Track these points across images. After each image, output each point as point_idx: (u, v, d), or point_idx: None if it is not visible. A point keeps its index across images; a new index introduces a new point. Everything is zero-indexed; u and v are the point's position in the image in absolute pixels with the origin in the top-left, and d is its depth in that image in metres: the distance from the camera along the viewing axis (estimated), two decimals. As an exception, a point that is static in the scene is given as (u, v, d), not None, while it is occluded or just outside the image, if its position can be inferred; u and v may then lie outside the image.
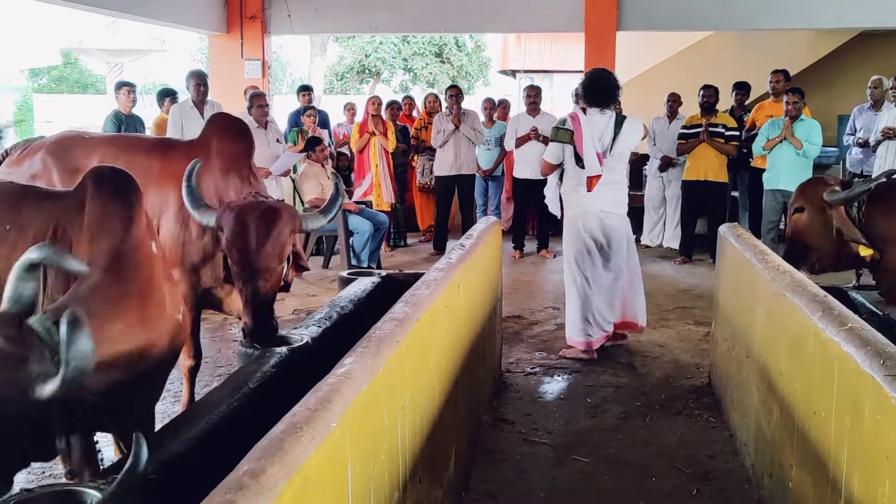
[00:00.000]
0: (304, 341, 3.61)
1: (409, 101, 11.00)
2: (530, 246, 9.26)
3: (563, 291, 7.27)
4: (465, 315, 3.63)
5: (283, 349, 3.44)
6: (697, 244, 8.73)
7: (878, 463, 2.10)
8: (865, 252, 4.11)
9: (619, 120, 5.33)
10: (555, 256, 8.95)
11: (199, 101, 7.53)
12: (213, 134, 4.19)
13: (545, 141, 8.75)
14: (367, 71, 29.14)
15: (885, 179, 4.32)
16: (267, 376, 3.16)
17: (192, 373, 4.27)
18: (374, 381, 2.12)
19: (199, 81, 7.49)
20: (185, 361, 4.18)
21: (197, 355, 4.28)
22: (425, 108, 10.10)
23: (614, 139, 5.28)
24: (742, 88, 9.30)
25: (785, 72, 8.80)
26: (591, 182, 5.20)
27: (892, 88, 7.47)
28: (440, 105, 9.92)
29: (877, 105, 8.39)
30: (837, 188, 4.26)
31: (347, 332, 3.47)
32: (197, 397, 4.18)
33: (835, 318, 2.61)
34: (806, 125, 7.73)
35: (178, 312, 2.83)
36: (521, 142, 8.79)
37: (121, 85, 8.36)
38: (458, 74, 29.29)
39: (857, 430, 2.26)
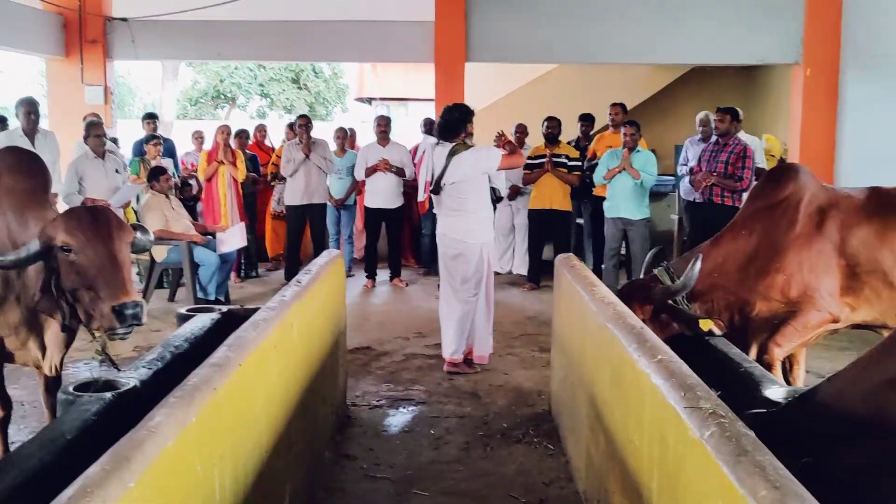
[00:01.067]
0: (132, 385, 3.47)
1: (262, 129, 10.84)
2: (383, 275, 9.27)
3: (412, 321, 7.40)
4: (300, 353, 3.59)
5: (108, 395, 3.28)
6: (545, 270, 8.97)
7: (681, 492, 2.20)
8: (708, 326, 3.93)
9: (452, 151, 5.66)
10: (407, 285, 9.00)
11: (30, 130, 7.16)
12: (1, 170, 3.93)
13: (399, 172, 8.84)
14: (222, 96, 28.63)
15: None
16: (87, 425, 3.00)
17: (3, 424, 4.02)
18: (185, 433, 2.06)
19: (30, 109, 7.12)
20: None
21: (6, 406, 4.05)
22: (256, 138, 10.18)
23: (444, 169, 5.61)
24: (587, 120, 9.70)
25: (622, 105, 9.21)
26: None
27: (715, 122, 7.93)
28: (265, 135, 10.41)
29: (706, 137, 8.90)
30: (655, 286, 4.22)
31: (181, 373, 3.36)
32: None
33: (647, 350, 2.73)
34: (642, 156, 8.11)
35: None
36: (370, 171, 8.82)
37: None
38: (315, 101, 29.19)
39: (664, 460, 2.36)
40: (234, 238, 7.93)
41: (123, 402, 3.27)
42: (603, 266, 8.50)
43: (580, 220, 9.61)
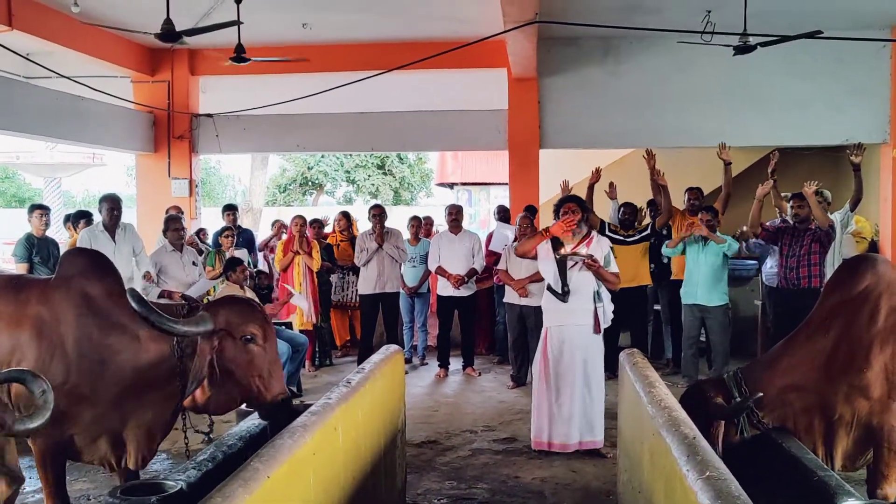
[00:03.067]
0: (179, 487, 3.44)
1: (344, 217, 10.87)
2: (456, 363, 9.16)
3: (482, 413, 7.25)
4: (346, 458, 3.51)
5: (153, 499, 3.26)
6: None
7: None
8: None
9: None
10: (479, 374, 8.87)
11: (112, 225, 7.43)
12: (72, 272, 4.03)
13: (470, 273, 8.78)
14: (309, 183, 29.42)
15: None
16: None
17: None
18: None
19: (112, 205, 7.40)
20: None
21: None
22: (336, 227, 10.28)
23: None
24: (656, 206, 9.50)
25: (699, 189, 9.03)
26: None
27: (793, 208, 7.68)
28: (348, 224, 10.34)
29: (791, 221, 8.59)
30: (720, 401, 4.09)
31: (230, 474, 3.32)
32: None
33: (697, 465, 2.56)
34: (720, 239, 7.85)
35: None
36: (440, 272, 8.85)
37: (34, 208, 8.24)
38: (400, 186, 29.73)
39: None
40: (301, 301, 8.47)
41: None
42: (682, 355, 8.21)
43: (658, 307, 9.36)
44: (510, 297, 8.21)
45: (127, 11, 9.08)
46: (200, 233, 10.43)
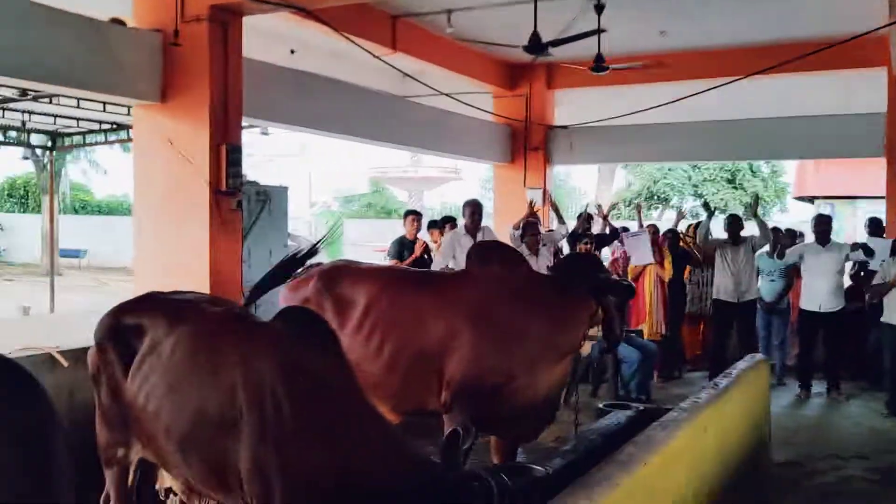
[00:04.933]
0: (545, 472, 3.56)
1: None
2: (819, 387, 8.48)
3: (851, 439, 6.63)
4: (713, 459, 3.40)
5: (542, 470, 3.44)
6: None
7: None
8: None
9: None
10: (847, 399, 8.12)
11: (473, 229, 7.88)
12: (480, 264, 4.41)
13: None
14: (655, 197, 29.07)
15: None
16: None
17: None
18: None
19: (474, 209, 7.86)
20: None
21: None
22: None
23: None
24: None
25: None
26: None
27: None
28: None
29: None
30: None
31: (590, 466, 3.39)
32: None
33: None
34: None
35: None
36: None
37: (408, 213, 9.02)
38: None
39: None
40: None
41: (534, 488, 3.38)
42: None
43: None
44: (890, 315, 7.44)
45: (494, 28, 9.63)
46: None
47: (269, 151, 20.07)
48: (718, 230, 9.29)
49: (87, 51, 6.10)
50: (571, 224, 9.58)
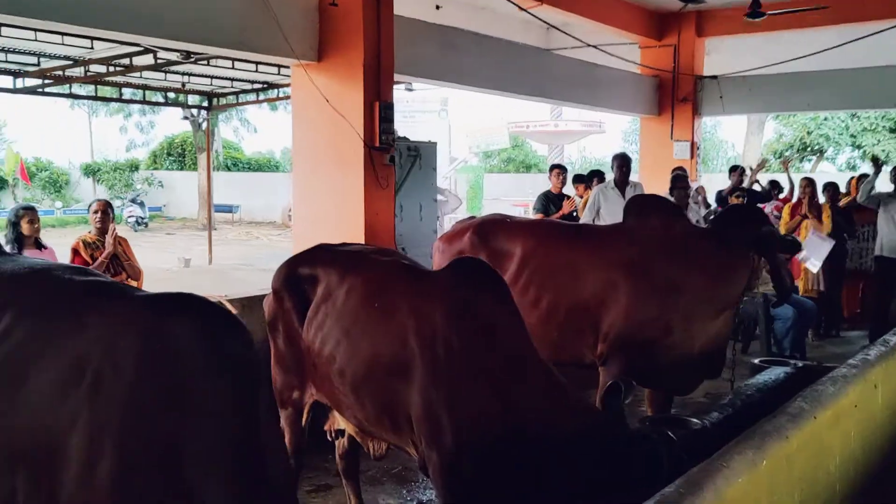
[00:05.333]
0: (703, 425, 3.58)
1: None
2: None
3: None
4: (883, 418, 3.31)
5: (699, 422, 3.48)
6: None
7: None
8: None
9: None
10: None
11: (622, 182, 7.80)
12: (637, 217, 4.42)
13: None
14: (808, 149, 27.67)
15: None
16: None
17: None
18: (754, 474, 2.06)
19: (622, 163, 7.76)
20: None
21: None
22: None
23: None
24: None
25: None
26: None
27: None
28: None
29: None
30: None
31: (748, 421, 3.38)
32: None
33: None
34: None
35: None
36: None
37: (553, 167, 9.00)
38: (914, 152, 26.53)
39: None
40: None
41: (695, 441, 3.40)
42: None
43: None
44: None
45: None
46: (699, 190, 10.48)
47: (411, 108, 20.35)
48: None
49: (248, 13, 6.37)
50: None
